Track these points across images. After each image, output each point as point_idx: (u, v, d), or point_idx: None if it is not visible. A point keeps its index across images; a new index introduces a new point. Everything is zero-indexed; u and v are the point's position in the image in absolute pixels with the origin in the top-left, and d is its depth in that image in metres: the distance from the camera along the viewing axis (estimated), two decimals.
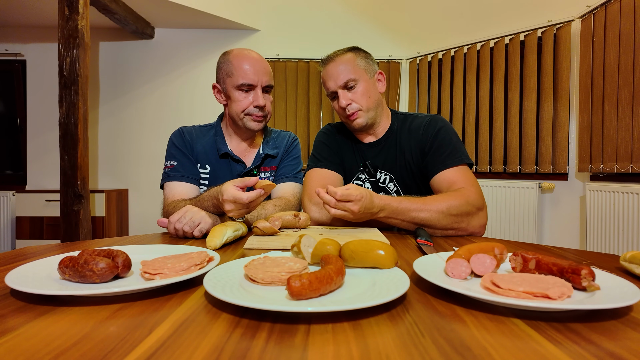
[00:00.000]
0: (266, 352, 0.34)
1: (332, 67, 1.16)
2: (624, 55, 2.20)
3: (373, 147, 1.24)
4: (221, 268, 0.56)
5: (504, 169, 2.93)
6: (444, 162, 1.10)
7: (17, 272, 0.54)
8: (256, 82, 1.16)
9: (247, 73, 1.15)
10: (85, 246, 0.81)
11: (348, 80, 1.14)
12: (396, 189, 1.22)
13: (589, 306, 0.41)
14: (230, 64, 1.17)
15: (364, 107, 1.16)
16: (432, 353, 0.34)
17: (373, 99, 1.17)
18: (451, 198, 0.99)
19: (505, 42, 2.90)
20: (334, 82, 1.16)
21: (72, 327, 0.40)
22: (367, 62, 1.19)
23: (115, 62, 3.60)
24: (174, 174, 1.19)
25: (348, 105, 1.15)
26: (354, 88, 1.15)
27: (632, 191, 2.13)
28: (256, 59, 1.18)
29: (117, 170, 3.63)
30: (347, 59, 1.16)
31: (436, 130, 1.15)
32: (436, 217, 0.96)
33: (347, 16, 3.52)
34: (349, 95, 1.15)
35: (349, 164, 1.27)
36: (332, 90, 1.18)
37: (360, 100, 1.15)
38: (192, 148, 1.24)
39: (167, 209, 1.11)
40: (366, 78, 1.17)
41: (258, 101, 1.16)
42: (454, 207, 0.97)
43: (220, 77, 1.21)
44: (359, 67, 1.16)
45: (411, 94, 3.48)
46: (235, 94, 1.17)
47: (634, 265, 0.59)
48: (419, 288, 0.53)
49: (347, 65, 1.15)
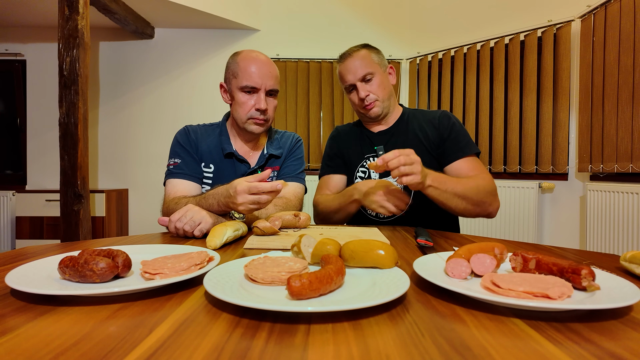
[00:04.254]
0: (266, 352, 0.34)
1: (350, 62, 1.27)
2: (624, 55, 2.20)
3: (383, 135, 1.35)
4: (221, 268, 0.56)
5: (504, 169, 2.93)
6: (463, 149, 1.22)
7: (17, 272, 0.54)
8: (259, 85, 1.16)
9: (252, 75, 1.15)
10: (85, 246, 0.81)
11: (366, 73, 1.26)
12: None
13: (589, 306, 0.41)
14: (237, 65, 1.18)
15: (380, 98, 1.28)
16: (432, 353, 0.34)
17: (387, 90, 1.30)
18: (478, 179, 1.13)
19: (505, 42, 2.90)
20: (353, 75, 1.27)
21: (72, 327, 0.40)
22: (380, 57, 1.31)
23: (115, 62, 3.60)
24: (177, 171, 1.19)
25: (367, 96, 1.27)
26: (371, 81, 1.27)
27: (632, 191, 2.13)
28: (263, 62, 1.18)
29: (117, 170, 3.63)
30: (363, 54, 1.27)
31: (452, 121, 1.28)
32: (471, 191, 1.08)
33: (347, 16, 3.52)
34: (367, 87, 1.27)
35: (354, 155, 1.37)
36: (350, 83, 1.28)
37: (377, 91, 1.27)
38: (197, 147, 1.24)
39: (169, 205, 1.10)
40: (380, 71, 1.28)
41: (259, 104, 1.17)
42: (482, 186, 1.11)
43: (227, 77, 1.22)
44: (374, 61, 1.27)
45: (411, 94, 3.48)
46: (238, 95, 1.18)
47: (634, 265, 0.59)
48: (419, 288, 0.53)
49: (364, 60, 1.26)
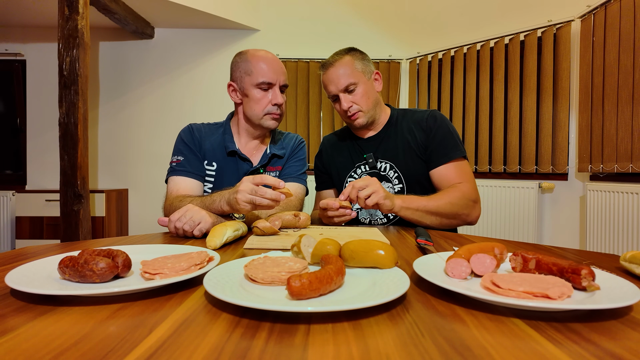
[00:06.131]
0: (266, 352, 0.34)
1: (332, 72, 1.24)
2: (623, 55, 2.20)
3: (372, 141, 1.33)
4: (221, 268, 0.56)
5: (503, 169, 2.93)
6: (448, 154, 1.21)
7: (17, 272, 0.54)
8: (275, 81, 1.18)
9: (267, 72, 1.17)
10: (85, 246, 0.81)
11: (348, 84, 1.22)
12: (397, 174, 1.27)
13: (589, 306, 0.41)
14: (249, 62, 1.19)
15: (364, 108, 1.25)
16: (432, 353, 0.34)
17: (372, 99, 1.26)
18: (452, 192, 1.14)
19: (505, 42, 2.90)
20: (335, 86, 1.24)
21: (72, 327, 0.40)
22: (364, 64, 1.26)
23: (115, 62, 3.59)
24: (179, 168, 1.20)
25: (349, 108, 1.24)
26: (354, 91, 1.24)
27: (632, 191, 2.13)
28: (274, 59, 1.21)
29: (117, 170, 3.63)
30: (346, 62, 1.23)
31: (438, 123, 1.25)
32: (445, 207, 1.11)
33: (347, 16, 3.52)
34: (349, 98, 1.24)
35: (343, 164, 1.37)
36: (333, 94, 1.26)
37: (361, 102, 1.24)
38: (200, 145, 1.24)
39: (173, 202, 1.11)
40: (364, 80, 1.25)
41: (277, 99, 1.19)
42: (457, 198, 1.12)
43: (237, 75, 1.22)
44: (357, 70, 1.24)
45: (411, 94, 3.48)
46: (253, 92, 1.19)
47: (634, 265, 0.59)
48: (419, 288, 0.53)
49: (346, 69, 1.23)
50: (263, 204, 0.91)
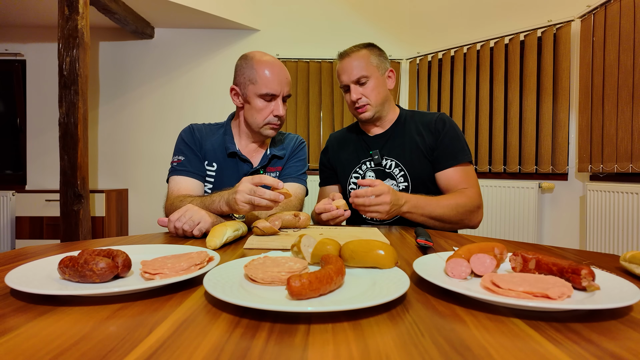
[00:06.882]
0: (266, 352, 0.34)
1: (347, 62, 1.26)
2: (623, 55, 2.20)
3: (379, 138, 1.34)
4: (221, 268, 0.56)
5: (503, 169, 2.93)
6: (455, 157, 1.23)
7: (17, 272, 0.54)
8: (279, 92, 1.18)
9: (272, 83, 1.16)
10: (85, 246, 0.81)
11: (360, 76, 1.24)
12: (403, 172, 1.28)
13: (589, 306, 0.41)
14: (254, 70, 1.17)
15: (372, 102, 1.26)
16: (432, 353, 0.34)
17: (382, 95, 1.28)
18: (458, 197, 1.16)
19: (505, 42, 2.90)
20: (348, 76, 1.26)
21: (72, 327, 0.40)
22: (380, 60, 1.28)
23: (115, 62, 3.60)
24: (180, 168, 1.20)
25: (358, 99, 1.26)
26: (366, 84, 1.25)
27: (632, 191, 2.13)
28: (280, 68, 1.19)
29: (117, 170, 3.63)
30: (362, 55, 1.25)
31: (447, 127, 1.26)
32: (450, 213, 1.12)
33: (347, 16, 3.52)
34: (360, 90, 1.26)
35: (348, 160, 1.37)
36: (345, 84, 1.28)
37: (370, 96, 1.26)
38: (201, 145, 1.25)
39: (174, 202, 1.11)
40: (377, 75, 1.26)
41: (279, 111, 1.19)
42: (463, 204, 1.14)
43: (240, 81, 1.20)
44: (371, 64, 1.25)
45: (411, 93, 3.48)
46: (256, 101, 1.18)
47: (634, 265, 0.59)
48: (419, 288, 0.53)
49: (361, 61, 1.24)
50: (262, 204, 0.91)
